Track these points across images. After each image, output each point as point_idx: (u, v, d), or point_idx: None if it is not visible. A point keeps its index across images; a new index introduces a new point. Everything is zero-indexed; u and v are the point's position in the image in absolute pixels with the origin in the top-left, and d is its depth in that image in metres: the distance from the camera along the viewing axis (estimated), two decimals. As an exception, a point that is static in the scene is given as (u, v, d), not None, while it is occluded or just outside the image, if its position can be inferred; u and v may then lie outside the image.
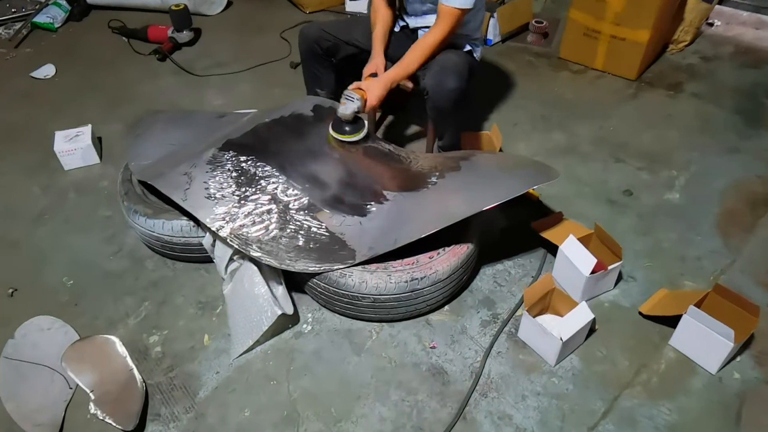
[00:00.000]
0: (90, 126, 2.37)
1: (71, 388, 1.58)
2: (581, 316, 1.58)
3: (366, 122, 1.88)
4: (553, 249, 1.86)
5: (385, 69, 1.97)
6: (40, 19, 3.33)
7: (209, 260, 1.81)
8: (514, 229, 2.01)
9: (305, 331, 1.71)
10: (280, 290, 1.72)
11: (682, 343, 1.62)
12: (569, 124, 2.54)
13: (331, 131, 1.87)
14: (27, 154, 2.41)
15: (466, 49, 2.00)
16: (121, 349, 1.64)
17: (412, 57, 1.86)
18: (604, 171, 2.29)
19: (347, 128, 1.84)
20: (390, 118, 2.60)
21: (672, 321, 1.64)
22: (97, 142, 2.43)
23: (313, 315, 1.76)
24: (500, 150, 2.17)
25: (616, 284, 1.81)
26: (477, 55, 2.05)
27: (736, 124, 2.53)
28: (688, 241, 1.97)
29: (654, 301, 1.73)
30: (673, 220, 2.06)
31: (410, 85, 2.10)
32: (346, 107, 1.78)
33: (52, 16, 3.35)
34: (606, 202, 2.14)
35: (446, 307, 1.77)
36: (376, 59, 1.98)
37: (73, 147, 2.28)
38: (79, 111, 2.67)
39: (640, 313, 1.72)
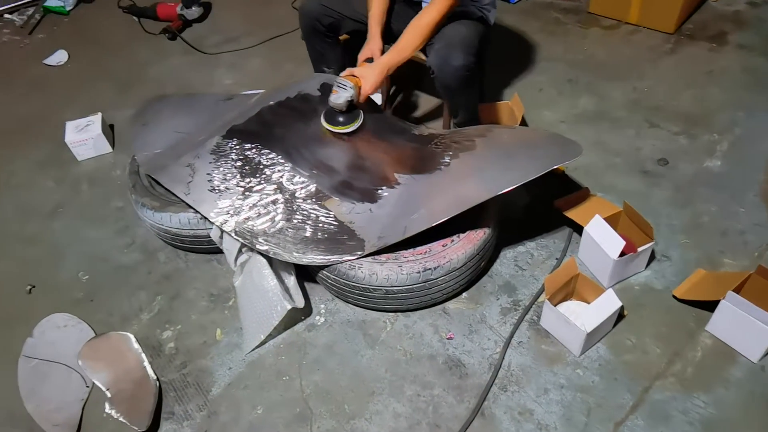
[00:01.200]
0: (100, 114, 2.34)
1: (88, 387, 1.59)
2: (608, 304, 1.47)
3: (361, 112, 1.73)
4: (579, 227, 1.73)
5: (384, 51, 1.83)
6: (51, 2, 3.28)
7: (221, 251, 1.76)
8: (537, 206, 1.89)
9: (318, 324, 1.66)
10: (292, 281, 1.67)
11: (720, 329, 1.50)
12: (599, 87, 2.36)
13: (323, 122, 1.73)
14: (40, 146, 2.40)
15: (477, 17, 1.83)
16: (136, 346, 1.64)
17: (408, 40, 1.70)
18: (637, 138, 2.12)
19: (341, 119, 1.70)
20: (403, 92, 2.47)
21: (710, 304, 1.51)
22: (109, 129, 2.39)
23: (326, 306, 1.70)
24: (522, 121, 2.02)
25: (648, 264, 1.69)
26: (491, 20, 1.89)
27: (787, 77, 2.29)
28: (730, 213, 1.81)
29: (690, 283, 1.60)
30: (714, 190, 1.89)
31: (425, 57, 1.96)
32: (338, 96, 1.64)
33: (63, -2, 3.30)
34: (639, 173, 1.98)
35: (464, 295, 1.69)
36: (372, 43, 1.82)
37: (84, 137, 2.25)
38: (91, 98, 2.63)
39: (675, 297, 1.60)
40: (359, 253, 1.52)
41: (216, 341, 1.65)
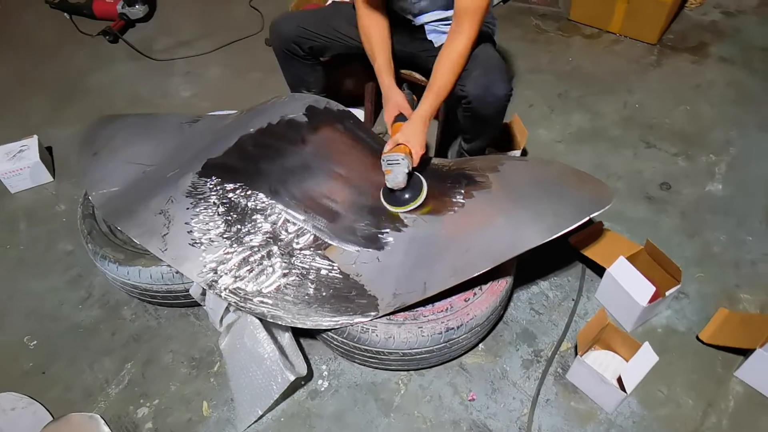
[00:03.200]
0: (36, 137, 1.99)
1: (49, 487, 1.32)
2: (644, 360, 1.37)
3: (420, 176, 1.52)
4: (592, 262, 1.62)
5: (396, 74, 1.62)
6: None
7: (198, 304, 1.52)
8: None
9: (321, 389, 1.47)
10: (286, 339, 1.46)
11: (751, 376, 1.43)
12: (590, 102, 2.26)
13: (387, 206, 1.51)
14: (-37, 174, 2.03)
15: (487, 35, 1.66)
16: (106, 430, 1.38)
17: (445, 78, 1.48)
18: (636, 159, 2.04)
19: (407, 195, 1.48)
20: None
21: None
22: (47, 153, 2.05)
23: (328, 366, 1.51)
24: (524, 148, 1.89)
25: (667, 303, 1.61)
26: (497, 35, 1.72)
27: (771, 91, 2.28)
28: (739, 242, 1.76)
29: (715, 325, 1.53)
30: (720, 216, 1.84)
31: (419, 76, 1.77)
32: (395, 175, 1.43)
33: (-25, -11, 2.84)
34: (643, 199, 1.90)
35: (480, 346, 1.54)
36: (393, 96, 1.59)
37: (19, 166, 1.91)
38: (19, 114, 2.26)
39: (699, 339, 1.52)
40: (373, 313, 1.34)
41: (204, 417, 1.42)
